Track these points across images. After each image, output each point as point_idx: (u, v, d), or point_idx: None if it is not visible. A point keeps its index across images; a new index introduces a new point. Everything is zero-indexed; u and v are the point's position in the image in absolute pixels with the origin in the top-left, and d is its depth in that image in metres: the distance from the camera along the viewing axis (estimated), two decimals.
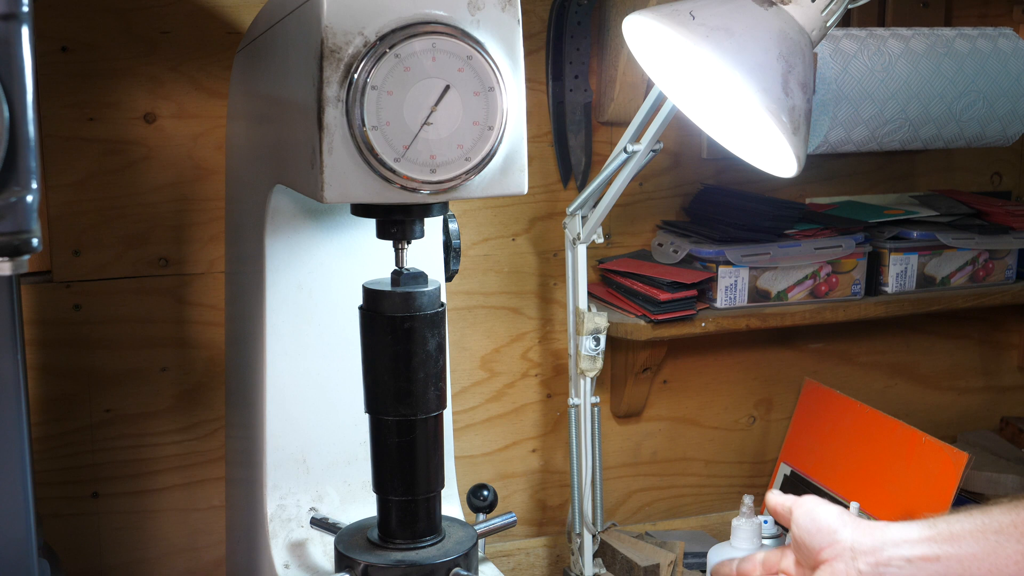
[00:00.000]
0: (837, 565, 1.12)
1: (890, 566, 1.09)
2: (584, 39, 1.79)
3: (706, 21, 1.15)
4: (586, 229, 1.66)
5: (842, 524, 1.14)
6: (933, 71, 1.75)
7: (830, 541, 1.13)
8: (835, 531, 1.13)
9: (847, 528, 1.13)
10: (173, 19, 1.63)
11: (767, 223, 1.84)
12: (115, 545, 1.72)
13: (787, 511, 1.20)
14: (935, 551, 1.07)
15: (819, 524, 1.15)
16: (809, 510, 1.17)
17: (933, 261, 1.94)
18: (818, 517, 1.15)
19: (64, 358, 1.65)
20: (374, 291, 1.20)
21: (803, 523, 1.16)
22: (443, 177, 1.10)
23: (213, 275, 1.69)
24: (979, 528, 1.06)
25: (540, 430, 1.94)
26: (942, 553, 1.06)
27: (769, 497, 1.25)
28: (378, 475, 1.25)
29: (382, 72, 1.07)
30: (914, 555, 1.08)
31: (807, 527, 1.16)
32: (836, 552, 1.13)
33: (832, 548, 1.13)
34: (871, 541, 1.11)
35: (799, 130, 1.16)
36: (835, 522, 1.14)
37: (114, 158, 1.63)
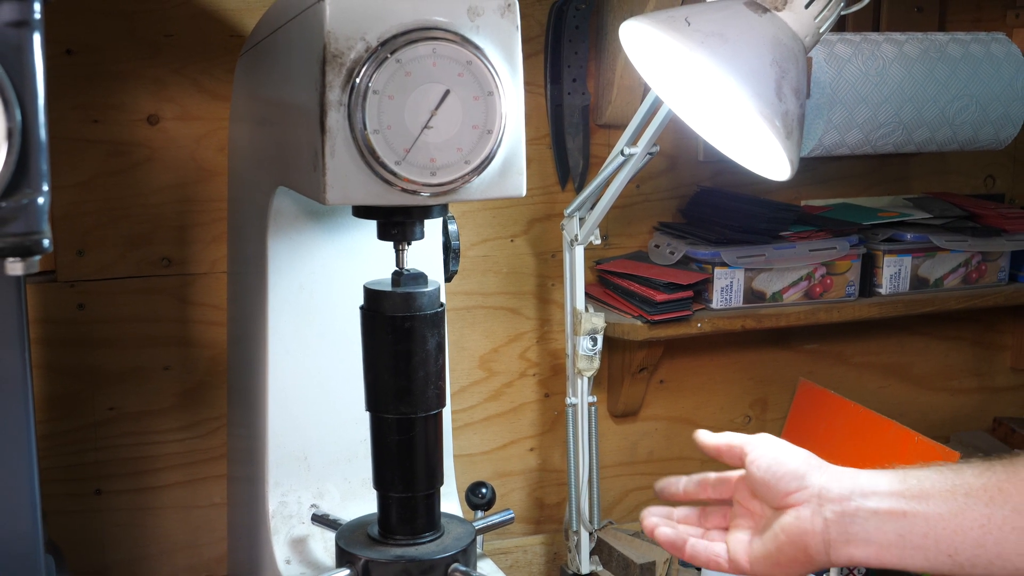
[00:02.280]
0: (803, 511, 1.09)
1: (856, 516, 1.06)
2: (582, 43, 1.81)
3: (701, 27, 1.17)
4: (584, 230, 1.69)
5: (810, 468, 1.10)
6: (927, 75, 1.77)
7: (798, 486, 1.10)
8: (803, 476, 1.10)
9: (816, 473, 1.10)
10: (176, 22, 1.65)
11: (763, 225, 1.86)
12: (118, 541, 1.74)
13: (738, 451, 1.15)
14: (903, 507, 1.05)
15: (786, 467, 1.11)
16: (775, 455, 1.12)
17: (927, 263, 1.96)
18: (785, 461, 1.11)
19: (68, 357, 1.67)
20: (375, 291, 1.22)
21: (767, 466, 1.12)
22: (443, 180, 1.12)
23: (215, 275, 1.71)
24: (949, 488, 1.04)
25: (538, 429, 1.96)
26: (909, 510, 1.04)
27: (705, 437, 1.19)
28: (378, 472, 1.27)
29: (383, 77, 1.09)
30: (881, 508, 1.06)
31: (774, 471, 1.11)
32: (803, 497, 1.09)
33: (800, 493, 1.10)
34: (839, 489, 1.08)
35: (792, 134, 1.19)
36: (803, 466, 1.11)
37: (118, 159, 1.66)
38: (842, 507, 1.07)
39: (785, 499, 1.10)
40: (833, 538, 1.07)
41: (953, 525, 1.02)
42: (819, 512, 1.08)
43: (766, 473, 1.11)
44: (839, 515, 1.07)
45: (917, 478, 1.06)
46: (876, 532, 1.05)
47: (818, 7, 1.22)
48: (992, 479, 1.02)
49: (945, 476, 1.05)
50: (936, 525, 1.03)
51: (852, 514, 1.06)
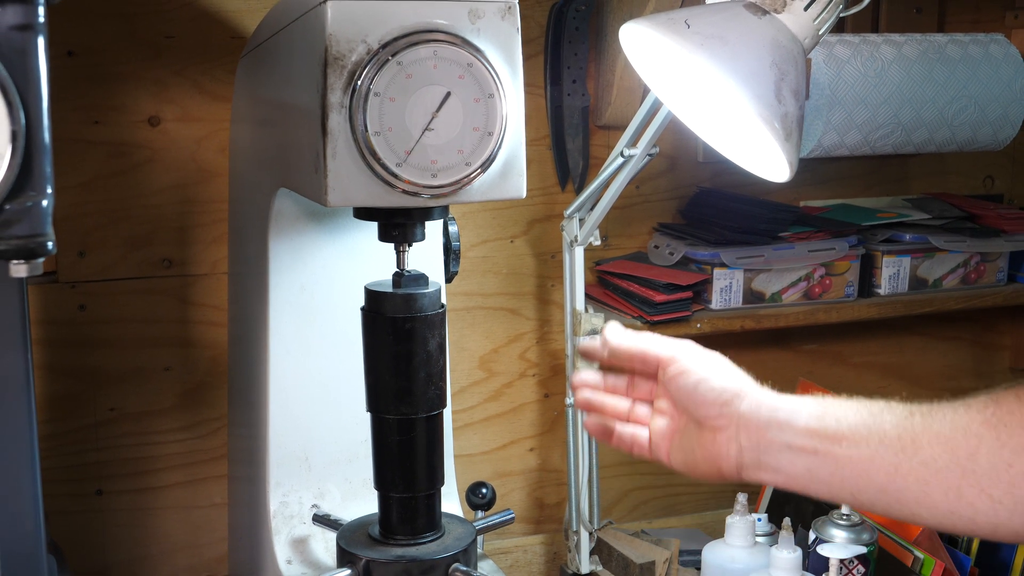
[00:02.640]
0: (719, 436, 1.10)
1: (770, 448, 1.07)
2: (582, 44, 1.82)
3: (701, 30, 1.17)
4: (584, 231, 1.69)
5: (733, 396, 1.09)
6: (925, 76, 1.78)
7: (718, 413, 1.10)
8: (727, 403, 1.09)
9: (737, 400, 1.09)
10: (177, 24, 1.66)
11: (762, 226, 1.86)
12: (118, 542, 1.75)
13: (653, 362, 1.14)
14: (815, 445, 1.05)
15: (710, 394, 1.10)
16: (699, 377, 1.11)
17: (925, 263, 1.96)
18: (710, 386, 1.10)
19: (69, 357, 1.68)
20: (376, 292, 1.23)
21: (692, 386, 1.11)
22: (444, 181, 1.13)
23: (216, 276, 1.72)
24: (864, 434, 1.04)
25: (537, 429, 1.96)
26: (821, 449, 1.05)
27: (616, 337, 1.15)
28: (379, 472, 1.27)
29: (385, 79, 1.09)
30: (794, 443, 1.06)
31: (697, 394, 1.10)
32: (722, 424, 1.09)
33: (719, 419, 1.10)
34: (757, 420, 1.08)
35: (791, 136, 1.19)
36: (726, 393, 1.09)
37: (119, 160, 1.66)
38: (757, 437, 1.08)
39: (705, 420, 1.10)
40: (745, 463, 1.08)
41: (860, 469, 1.03)
42: (735, 438, 1.09)
43: (689, 394, 1.11)
44: (754, 444, 1.08)
45: (835, 418, 1.05)
46: (786, 464, 1.06)
47: (817, 9, 1.22)
48: (908, 429, 1.03)
49: (863, 419, 1.05)
50: (845, 466, 1.04)
51: (766, 445, 1.07)
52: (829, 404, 1.07)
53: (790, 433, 1.06)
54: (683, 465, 1.14)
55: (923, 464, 1.01)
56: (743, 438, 1.09)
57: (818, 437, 1.05)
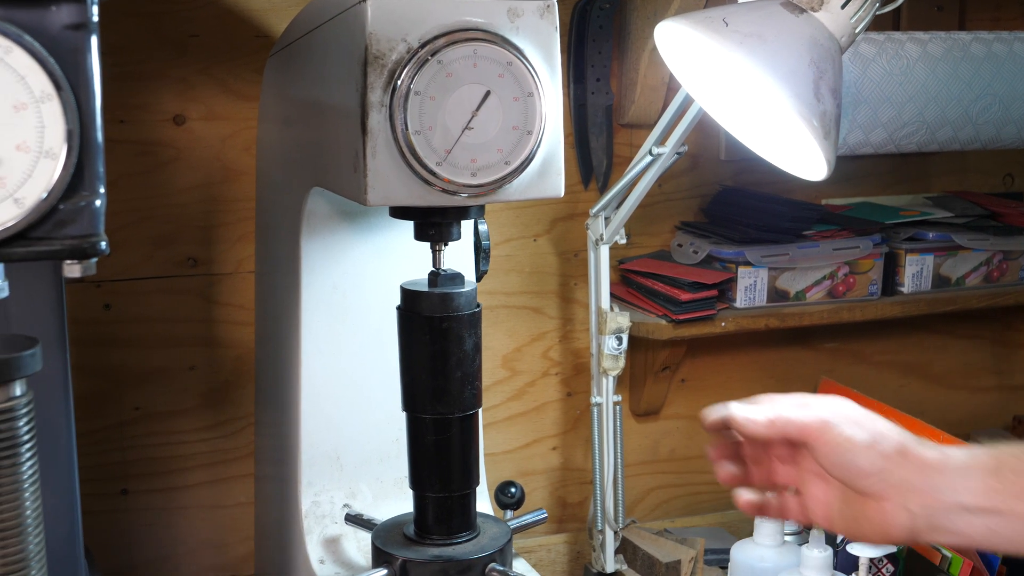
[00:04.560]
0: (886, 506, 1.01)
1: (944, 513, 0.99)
2: (606, 42, 1.81)
3: (739, 28, 1.17)
4: (609, 230, 1.69)
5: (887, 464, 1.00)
6: (950, 75, 1.77)
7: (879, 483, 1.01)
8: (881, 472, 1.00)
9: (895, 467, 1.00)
10: (202, 22, 1.65)
11: (786, 224, 1.86)
12: (144, 541, 1.74)
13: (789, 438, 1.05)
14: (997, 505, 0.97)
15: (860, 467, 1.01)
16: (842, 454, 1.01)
17: (948, 262, 1.96)
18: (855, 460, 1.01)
19: (94, 357, 1.67)
20: (412, 292, 1.23)
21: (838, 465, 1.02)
22: (483, 180, 1.13)
23: (241, 275, 1.72)
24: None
25: (560, 428, 1.96)
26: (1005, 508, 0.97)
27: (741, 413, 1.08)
28: (415, 472, 1.27)
29: (425, 78, 1.09)
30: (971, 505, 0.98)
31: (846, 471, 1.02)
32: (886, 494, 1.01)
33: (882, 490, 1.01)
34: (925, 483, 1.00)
35: (830, 134, 1.19)
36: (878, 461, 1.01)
37: (144, 159, 1.66)
38: (929, 501, 1.00)
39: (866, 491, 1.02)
40: (919, 528, 1.01)
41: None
42: (904, 506, 1.01)
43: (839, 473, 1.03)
44: (926, 509, 1.00)
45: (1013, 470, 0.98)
46: (964, 526, 0.99)
47: (854, 7, 1.22)
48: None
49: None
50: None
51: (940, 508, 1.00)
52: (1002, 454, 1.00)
53: (965, 494, 0.99)
54: (847, 532, 1.07)
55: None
56: (913, 504, 1.01)
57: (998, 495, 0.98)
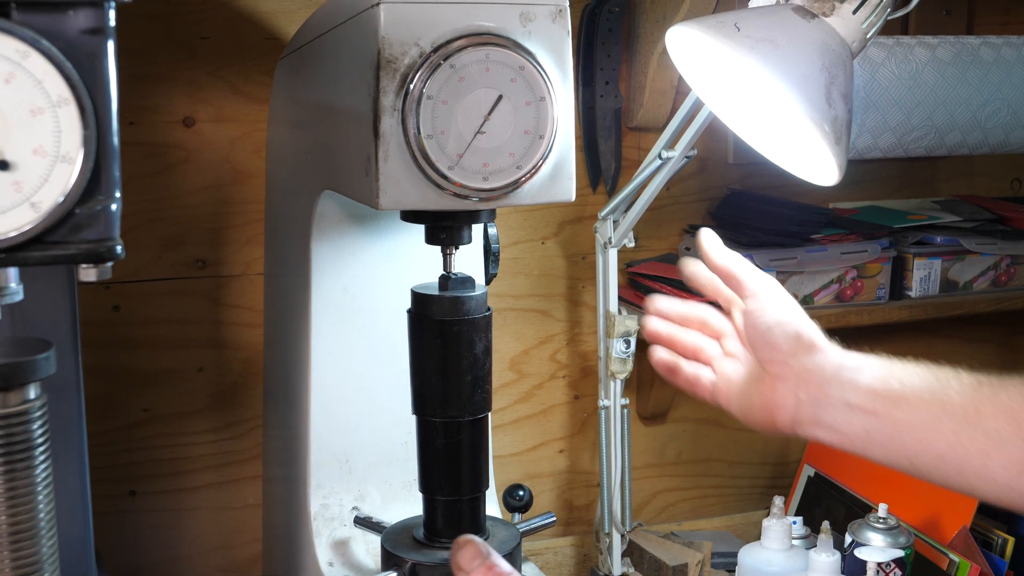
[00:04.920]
0: (779, 386, 1.09)
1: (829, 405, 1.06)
2: (615, 46, 1.82)
3: (751, 33, 1.17)
4: (618, 233, 1.69)
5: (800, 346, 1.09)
6: (959, 79, 1.77)
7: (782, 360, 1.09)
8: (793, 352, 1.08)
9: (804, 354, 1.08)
10: (212, 25, 1.66)
11: (794, 228, 1.86)
12: (151, 543, 1.75)
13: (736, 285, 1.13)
14: (876, 407, 1.03)
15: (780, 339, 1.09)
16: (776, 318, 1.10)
17: (956, 266, 1.96)
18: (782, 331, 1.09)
19: (103, 358, 1.68)
20: (423, 295, 1.23)
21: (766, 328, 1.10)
22: (495, 185, 1.13)
23: (250, 277, 1.72)
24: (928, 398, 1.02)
25: (567, 431, 1.96)
26: (883, 411, 1.03)
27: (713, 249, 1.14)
28: (425, 475, 1.27)
29: (437, 82, 1.09)
30: (855, 402, 1.05)
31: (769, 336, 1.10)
32: (785, 373, 1.09)
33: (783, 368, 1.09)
34: (820, 375, 1.07)
35: (841, 140, 1.19)
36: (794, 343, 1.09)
37: (153, 161, 1.66)
38: (817, 392, 1.07)
39: (769, 365, 1.10)
40: (802, 417, 1.08)
41: (921, 435, 1.01)
42: (795, 391, 1.08)
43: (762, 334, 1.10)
44: (813, 398, 1.07)
45: (899, 380, 1.04)
46: (843, 423, 1.05)
47: (865, 13, 1.22)
48: (973, 398, 1.00)
49: (928, 383, 1.03)
50: (904, 431, 1.02)
51: (826, 401, 1.06)
52: (895, 366, 1.05)
53: (851, 391, 1.05)
54: (740, 412, 1.15)
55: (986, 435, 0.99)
56: (802, 392, 1.08)
57: (879, 398, 1.03)
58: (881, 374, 1.05)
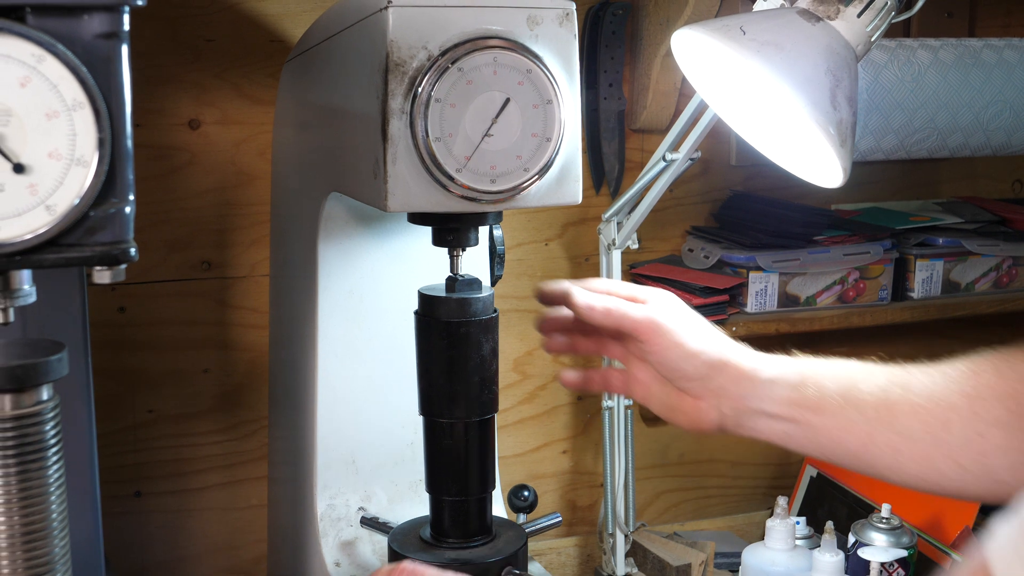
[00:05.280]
0: (701, 404, 1.15)
1: (750, 416, 1.13)
2: (619, 48, 1.82)
3: (757, 36, 1.18)
4: (622, 235, 1.70)
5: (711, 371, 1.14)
6: (961, 81, 1.78)
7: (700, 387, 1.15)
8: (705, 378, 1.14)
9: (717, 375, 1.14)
10: (217, 27, 1.66)
11: (797, 229, 1.87)
12: (157, 543, 1.75)
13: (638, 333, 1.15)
14: (794, 415, 1.11)
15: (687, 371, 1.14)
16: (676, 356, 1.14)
17: (958, 267, 1.97)
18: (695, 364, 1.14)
19: (108, 359, 1.68)
20: (430, 297, 1.23)
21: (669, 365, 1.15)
22: (502, 187, 1.13)
23: (255, 279, 1.72)
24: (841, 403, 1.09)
25: (571, 431, 1.97)
26: (800, 419, 1.11)
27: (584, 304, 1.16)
28: (432, 476, 1.28)
29: (445, 85, 1.10)
30: (773, 412, 1.12)
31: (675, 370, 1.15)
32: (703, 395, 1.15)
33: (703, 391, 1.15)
34: (737, 391, 1.13)
35: (846, 142, 1.20)
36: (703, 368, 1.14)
37: (159, 163, 1.66)
38: (738, 405, 1.14)
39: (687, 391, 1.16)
40: (727, 425, 1.16)
41: (836, 436, 1.09)
42: (716, 407, 1.15)
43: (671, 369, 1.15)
44: (734, 411, 1.14)
45: (815, 388, 1.10)
46: (765, 429, 1.13)
47: (870, 16, 1.23)
48: (884, 400, 1.07)
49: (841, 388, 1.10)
50: (821, 433, 1.10)
51: (746, 412, 1.14)
52: (808, 372, 1.12)
53: (768, 403, 1.12)
54: (662, 414, 1.21)
55: (897, 434, 1.06)
56: (724, 407, 1.15)
57: (796, 407, 1.11)
58: (796, 382, 1.12)
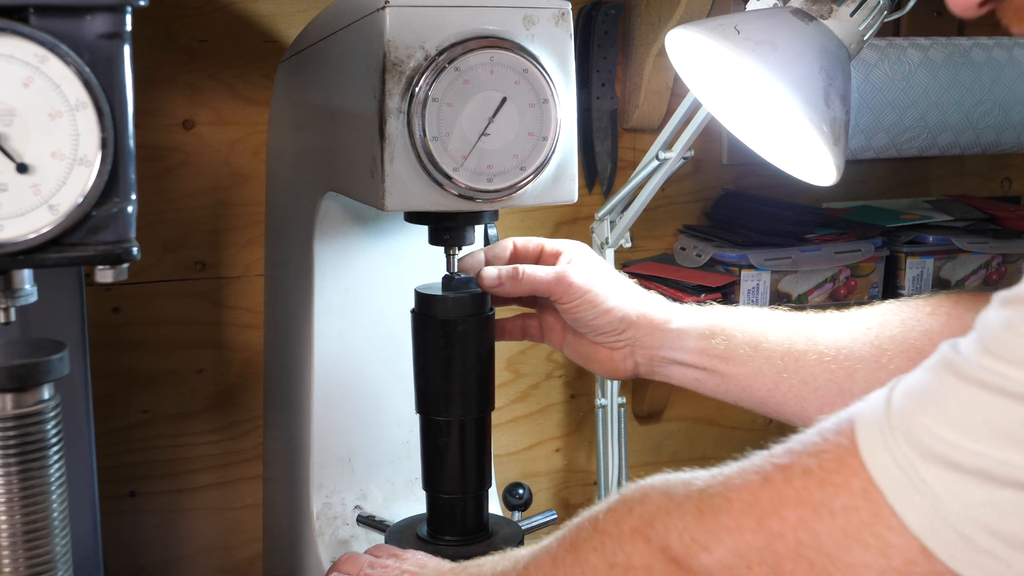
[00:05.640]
0: (616, 354, 1.22)
1: (663, 363, 1.21)
2: (611, 47, 1.83)
3: (751, 36, 1.18)
4: (615, 233, 1.70)
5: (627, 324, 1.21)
6: (951, 80, 1.79)
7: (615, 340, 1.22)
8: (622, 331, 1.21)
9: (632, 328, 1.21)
10: (211, 28, 1.66)
11: (788, 228, 1.88)
12: (151, 543, 1.75)
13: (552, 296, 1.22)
14: (704, 364, 1.18)
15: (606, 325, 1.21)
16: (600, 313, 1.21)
17: (948, 265, 1.98)
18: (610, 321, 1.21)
19: (103, 360, 1.68)
20: (427, 295, 1.24)
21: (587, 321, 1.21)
22: (499, 186, 1.14)
23: (249, 279, 1.73)
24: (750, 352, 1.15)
25: (564, 430, 1.98)
26: (710, 367, 1.18)
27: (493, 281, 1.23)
28: (429, 474, 1.28)
29: (442, 85, 1.10)
30: (685, 361, 1.19)
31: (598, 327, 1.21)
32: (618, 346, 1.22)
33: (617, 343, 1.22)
34: (651, 341, 1.20)
35: (839, 140, 1.20)
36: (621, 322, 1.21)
37: (153, 164, 1.67)
38: (651, 355, 1.21)
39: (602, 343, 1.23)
40: (640, 372, 1.24)
41: (744, 384, 1.16)
42: (631, 356, 1.22)
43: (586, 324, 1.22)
44: (647, 359, 1.22)
45: (725, 337, 1.18)
46: (677, 375, 1.22)
47: (862, 15, 1.24)
48: (791, 349, 1.14)
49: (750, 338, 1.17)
50: (730, 381, 1.17)
51: (659, 361, 1.21)
52: (718, 322, 1.19)
53: (680, 352, 1.20)
54: (576, 360, 1.28)
55: (803, 382, 1.12)
56: (638, 355, 1.22)
57: (706, 355, 1.18)
58: (706, 332, 1.19)
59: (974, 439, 0.68)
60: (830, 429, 0.77)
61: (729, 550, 0.79)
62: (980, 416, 0.68)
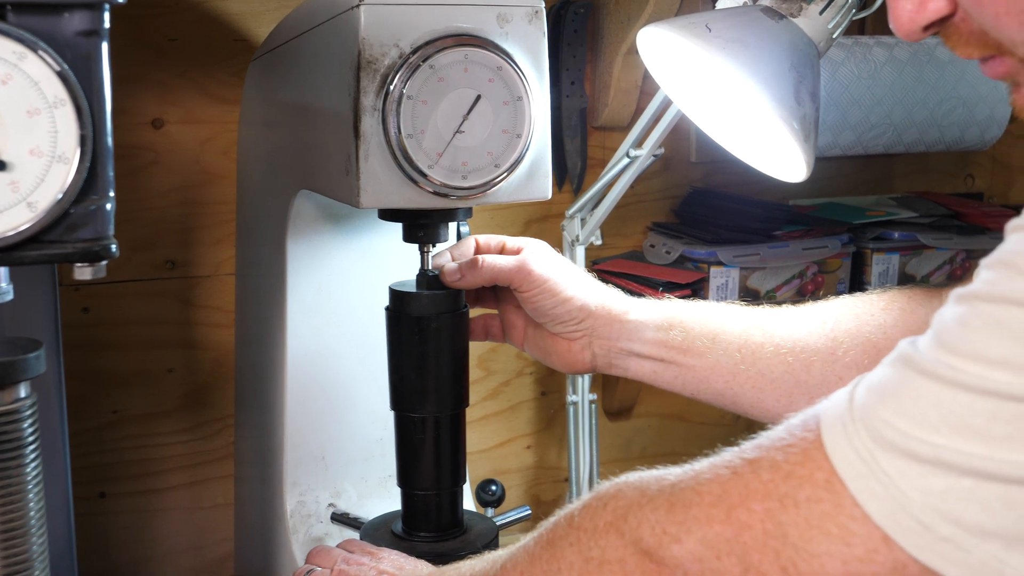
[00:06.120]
0: (574, 345, 1.24)
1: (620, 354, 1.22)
2: (580, 46, 1.84)
3: (722, 33, 1.20)
4: (585, 231, 1.71)
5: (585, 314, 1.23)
6: (916, 78, 1.81)
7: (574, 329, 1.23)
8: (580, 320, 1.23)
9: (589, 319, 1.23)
10: (180, 26, 1.66)
11: (756, 224, 1.89)
12: (122, 544, 1.75)
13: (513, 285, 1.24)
14: (662, 355, 1.20)
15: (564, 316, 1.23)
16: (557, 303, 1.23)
17: (913, 260, 2.00)
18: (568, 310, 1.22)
19: (73, 360, 1.66)
20: (401, 292, 1.24)
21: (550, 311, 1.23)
22: (474, 183, 1.15)
23: (220, 278, 1.72)
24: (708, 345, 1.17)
25: (535, 427, 1.98)
26: (668, 358, 1.19)
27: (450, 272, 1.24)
28: (403, 470, 1.28)
29: (417, 83, 1.11)
30: (642, 352, 1.21)
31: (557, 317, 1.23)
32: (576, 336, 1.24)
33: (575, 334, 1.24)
34: (608, 332, 1.22)
35: (809, 137, 1.22)
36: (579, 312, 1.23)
37: (122, 163, 1.64)
38: (608, 346, 1.23)
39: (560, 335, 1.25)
40: (598, 364, 1.25)
41: (701, 376, 1.18)
42: (589, 347, 1.24)
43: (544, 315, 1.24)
44: (605, 351, 1.23)
45: (682, 329, 1.20)
46: (634, 367, 1.23)
47: (831, 13, 1.25)
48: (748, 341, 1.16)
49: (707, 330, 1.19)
50: (687, 372, 1.19)
51: (617, 352, 1.23)
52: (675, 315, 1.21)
53: (639, 344, 1.21)
54: (538, 358, 1.31)
55: (759, 374, 1.14)
56: (596, 347, 1.23)
57: (663, 347, 1.20)
58: (664, 325, 1.20)
59: (932, 430, 0.70)
60: (797, 425, 0.79)
61: (699, 541, 0.80)
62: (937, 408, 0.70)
